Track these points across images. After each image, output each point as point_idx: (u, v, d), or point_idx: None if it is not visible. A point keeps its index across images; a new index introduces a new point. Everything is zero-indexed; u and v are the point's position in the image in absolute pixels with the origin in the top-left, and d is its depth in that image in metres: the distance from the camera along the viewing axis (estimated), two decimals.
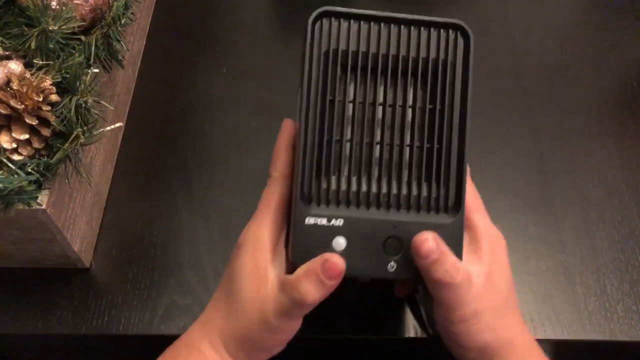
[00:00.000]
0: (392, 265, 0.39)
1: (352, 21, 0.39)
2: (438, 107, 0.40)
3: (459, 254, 0.40)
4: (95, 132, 0.45)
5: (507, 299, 0.41)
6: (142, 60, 0.66)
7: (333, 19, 0.39)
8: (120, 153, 0.59)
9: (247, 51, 0.67)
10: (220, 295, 0.41)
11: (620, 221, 0.55)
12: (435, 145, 0.40)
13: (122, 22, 0.50)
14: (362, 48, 0.39)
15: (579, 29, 0.69)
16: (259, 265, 0.39)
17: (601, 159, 0.59)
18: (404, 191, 0.40)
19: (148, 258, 0.53)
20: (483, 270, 0.40)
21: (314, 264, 0.37)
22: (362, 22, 0.39)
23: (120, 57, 0.52)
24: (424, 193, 0.40)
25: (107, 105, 0.48)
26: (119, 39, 0.50)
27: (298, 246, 0.39)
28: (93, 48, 0.49)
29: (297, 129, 0.40)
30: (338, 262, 0.37)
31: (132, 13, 0.53)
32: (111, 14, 0.49)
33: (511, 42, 0.68)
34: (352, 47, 0.39)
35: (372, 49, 0.39)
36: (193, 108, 0.63)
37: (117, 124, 0.47)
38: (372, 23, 0.39)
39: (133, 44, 0.64)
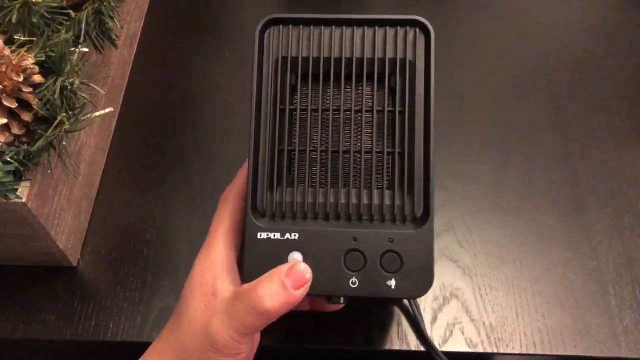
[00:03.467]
0: (354, 282, 0.36)
1: (302, 27, 0.38)
2: (398, 109, 0.37)
3: (430, 269, 0.36)
4: (82, 118, 0.40)
5: None
6: (140, 42, 0.62)
7: (282, 26, 0.38)
8: (114, 142, 0.55)
9: (252, 35, 0.62)
10: (170, 321, 0.38)
11: None
12: (397, 150, 0.37)
13: None
14: (314, 54, 0.38)
15: (611, 16, 0.64)
16: (207, 281, 0.36)
17: (635, 157, 0.54)
18: (365, 201, 0.37)
19: (141, 257, 0.49)
20: None
21: (278, 269, 0.35)
22: (312, 26, 0.38)
23: (113, 37, 0.47)
24: (388, 202, 0.37)
25: (97, 88, 0.44)
26: (112, 15, 0.46)
27: (250, 263, 0.37)
28: (84, 25, 0.44)
29: (248, 141, 0.38)
30: (305, 271, 0.35)
31: None
32: None
33: (535, 32, 0.63)
34: (304, 54, 0.38)
35: (325, 54, 0.38)
36: (193, 94, 0.59)
37: (108, 109, 0.43)
38: (323, 27, 0.38)
39: (130, 24, 0.59)
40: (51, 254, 0.46)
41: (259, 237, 0.37)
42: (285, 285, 0.34)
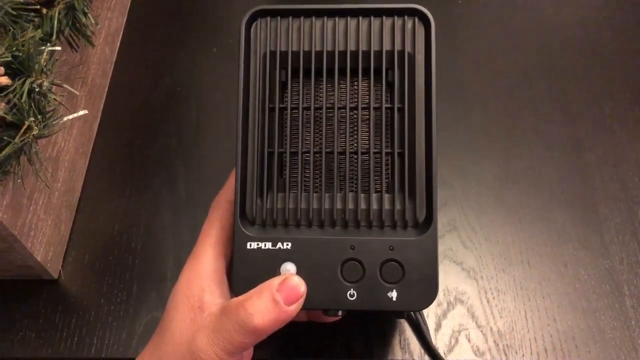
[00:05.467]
0: (352, 294, 0.33)
1: (291, 18, 0.35)
2: (397, 106, 0.35)
3: (434, 279, 0.33)
4: (53, 122, 0.37)
5: None
6: (122, 39, 0.59)
7: (270, 18, 0.35)
8: (96, 145, 0.52)
9: (239, 28, 0.59)
10: (154, 335, 0.35)
11: None
12: (397, 150, 0.34)
13: None
14: (305, 47, 0.35)
15: (613, 1, 0.61)
16: (193, 294, 0.34)
17: None
18: (363, 205, 0.34)
19: (126, 267, 0.46)
20: None
21: (269, 282, 0.33)
22: (303, 18, 0.35)
23: (88, 33, 0.44)
24: (387, 206, 0.34)
25: (71, 89, 0.41)
26: (85, 11, 0.43)
27: (240, 275, 0.34)
28: (56, 22, 0.41)
29: (235, 143, 0.35)
30: (299, 284, 0.32)
31: None
32: None
33: (541, 16, 0.60)
34: (294, 47, 0.35)
35: (316, 47, 0.35)
36: (179, 93, 0.56)
37: (81, 112, 0.40)
38: (314, 18, 0.35)
39: (111, 20, 0.56)
40: (29, 267, 0.43)
41: (248, 246, 0.34)
42: (277, 300, 0.32)
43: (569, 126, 0.53)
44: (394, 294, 0.33)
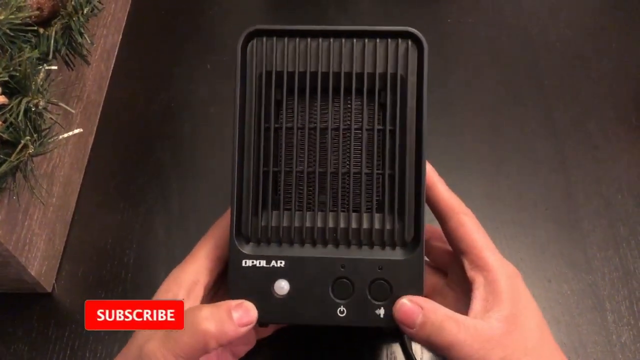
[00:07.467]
0: (341, 311, 0.35)
1: (287, 39, 0.35)
2: (389, 128, 0.35)
3: (419, 293, 0.35)
4: (48, 140, 0.38)
5: (541, 338, 0.35)
6: (117, 56, 0.60)
7: (266, 38, 0.35)
8: (90, 160, 0.53)
9: (234, 45, 0.60)
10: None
11: None
12: (388, 172, 0.35)
13: (85, 11, 0.43)
14: (300, 68, 0.35)
15: (601, 19, 0.63)
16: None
17: (631, 165, 0.52)
18: (354, 225, 0.35)
19: (119, 281, 0.47)
20: (504, 314, 0.34)
21: (228, 301, 0.34)
22: (298, 38, 0.35)
23: (84, 52, 0.45)
24: (377, 226, 0.35)
25: (66, 107, 0.42)
26: (81, 31, 0.44)
27: (235, 291, 0.35)
28: (52, 41, 0.42)
29: (231, 161, 0.36)
30: (252, 309, 0.34)
31: (99, 1, 0.46)
32: (72, 2, 0.43)
33: (528, 34, 0.61)
34: (289, 68, 0.35)
35: (311, 68, 0.35)
36: (173, 108, 0.57)
37: (76, 131, 0.41)
38: (309, 39, 0.35)
39: (107, 37, 0.58)
40: (23, 281, 0.44)
41: (243, 264, 0.35)
42: (232, 315, 0.33)
43: (554, 144, 0.54)
44: (381, 311, 0.35)
